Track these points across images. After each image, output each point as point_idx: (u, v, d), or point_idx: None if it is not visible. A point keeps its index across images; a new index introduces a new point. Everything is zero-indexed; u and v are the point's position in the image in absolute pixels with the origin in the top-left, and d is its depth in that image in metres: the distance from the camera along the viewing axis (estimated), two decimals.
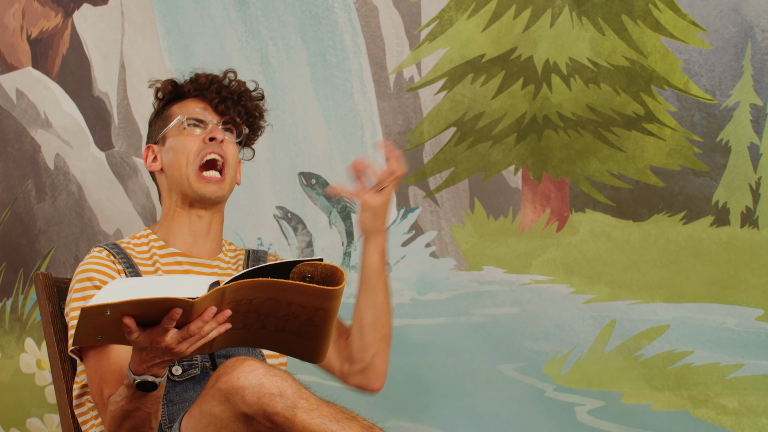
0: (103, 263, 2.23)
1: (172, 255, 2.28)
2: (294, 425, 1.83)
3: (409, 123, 2.87)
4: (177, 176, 2.27)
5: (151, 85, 2.37)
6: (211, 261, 2.31)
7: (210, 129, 2.28)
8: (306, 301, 1.99)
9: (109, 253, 2.24)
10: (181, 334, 1.89)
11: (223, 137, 2.27)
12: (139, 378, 1.95)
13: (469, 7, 2.79)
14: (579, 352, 2.70)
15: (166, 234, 2.31)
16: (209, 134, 2.27)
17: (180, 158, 2.27)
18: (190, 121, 2.29)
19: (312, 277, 2.01)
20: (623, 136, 2.66)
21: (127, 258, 2.24)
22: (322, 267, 2.01)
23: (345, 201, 2.95)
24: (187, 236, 2.30)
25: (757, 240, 2.54)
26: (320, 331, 2.04)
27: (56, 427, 3.29)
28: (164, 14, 3.13)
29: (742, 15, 2.56)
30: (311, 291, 1.96)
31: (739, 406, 2.55)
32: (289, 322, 2.01)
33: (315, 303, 1.99)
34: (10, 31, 3.35)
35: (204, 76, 2.32)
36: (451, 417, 2.82)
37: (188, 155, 2.26)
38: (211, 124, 2.28)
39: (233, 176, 2.30)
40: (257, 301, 1.95)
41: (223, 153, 2.27)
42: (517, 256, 2.76)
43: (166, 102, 2.34)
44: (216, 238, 2.33)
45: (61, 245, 3.29)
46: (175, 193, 2.29)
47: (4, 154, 3.36)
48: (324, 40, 2.96)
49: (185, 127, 2.28)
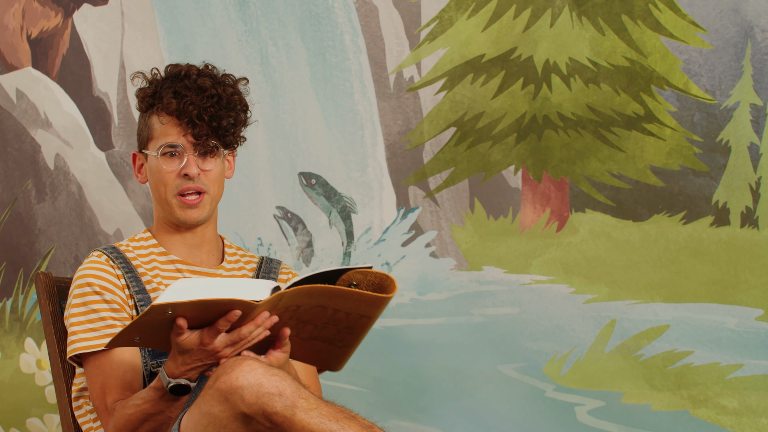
0: (102, 268, 2.22)
1: (172, 262, 2.28)
2: (293, 425, 1.83)
3: (409, 123, 2.87)
4: (159, 200, 2.26)
5: (133, 78, 2.31)
6: (212, 270, 2.31)
7: (185, 163, 2.22)
8: (354, 308, 2.00)
9: (108, 258, 2.24)
10: (230, 338, 1.91)
11: (197, 172, 2.23)
12: (174, 381, 1.96)
13: (469, 7, 2.79)
14: (579, 352, 2.70)
15: (163, 240, 2.30)
16: (183, 170, 2.22)
17: (159, 188, 2.25)
18: (165, 150, 2.23)
19: (358, 285, 2.01)
20: (623, 136, 2.66)
21: (126, 262, 2.24)
22: (371, 275, 2.02)
23: (345, 201, 2.95)
24: (181, 247, 2.30)
25: (757, 240, 2.54)
26: (356, 339, 2.05)
27: (56, 427, 3.29)
28: (164, 14, 3.13)
29: (742, 15, 2.56)
30: (365, 298, 1.97)
31: (739, 406, 2.55)
32: (326, 330, 2.02)
33: (362, 310, 2.00)
34: (10, 31, 3.35)
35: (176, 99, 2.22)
36: (451, 417, 2.82)
37: (166, 186, 2.24)
38: (186, 156, 2.23)
39: (215, 194, 2.27)
40: (305, 308, 1.96)
41: (200, 185, 2.24)
42: (517, 256, 2.76)
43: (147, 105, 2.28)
44: (212, 247, 2.32)
45: (61, 245, 3.29)
46: (162, 209, 2.28)
47: (4, 154, 3.36)
48: (324, 40, 2.96)
49: (160, 156, 2.23)
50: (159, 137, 2.24)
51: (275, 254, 3.00)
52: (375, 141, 2.91)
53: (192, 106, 2.21)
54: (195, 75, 2.24)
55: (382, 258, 2.90)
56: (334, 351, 2.08)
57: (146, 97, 2.26)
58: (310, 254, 2.97)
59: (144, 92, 2.27)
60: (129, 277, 2.22)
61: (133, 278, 2.22)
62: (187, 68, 2.26)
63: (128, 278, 2.22)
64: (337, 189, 2.95)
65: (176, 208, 2.24)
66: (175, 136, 2.23)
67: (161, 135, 2.24)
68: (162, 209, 2.27)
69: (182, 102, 2.21)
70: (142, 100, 2.27)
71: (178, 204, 2.24)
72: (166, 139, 2.23)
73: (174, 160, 2.23)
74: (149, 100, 2.26)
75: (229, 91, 2.25)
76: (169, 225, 2.29)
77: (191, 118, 2.21)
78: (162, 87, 2.25)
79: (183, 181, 2.23)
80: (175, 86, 2.23)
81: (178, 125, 2.23)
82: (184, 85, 2.23)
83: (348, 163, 2.94)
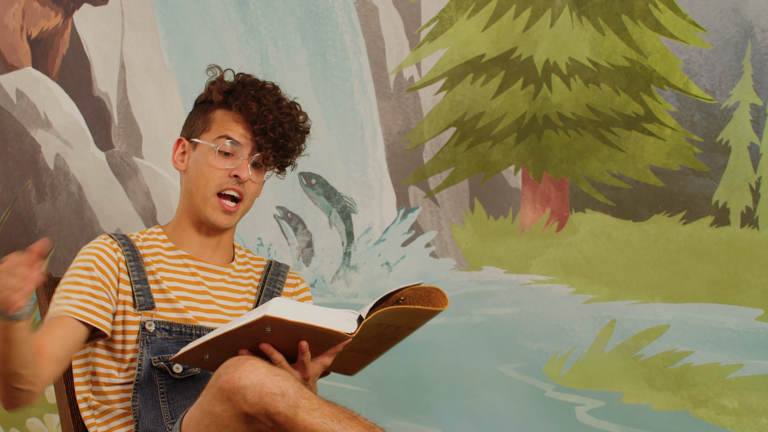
0: (101, 248, 2.22)
1: (180, 257, 2.28)
2: (296, 425, 1.83)
3: (409, 123, 2.87)
4: (194, 193, 2.25)
5: (210, 69, 2.31)
6: (222, 267, 2.31)
7: (238, 165, 2.23)
8: (405, 323, 2.03)
9: (114, 241, 2.24)
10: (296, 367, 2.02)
11: (248, 177, 2.23)
12: None
13: (469, 7, 2.79)
14: (579, 352, 2.70)
15: (176, 236, 2.30)
16: (235, 171, 2.22)
17: (200, 181, 2.24)
18: (224, 146, 2.23)
19: (406, 299, 2.04)
20: (623, 136, 2.66)
21: (134, 250, 2.24)
22: (420, 289, 2.05)
23: (345, 201, 2.95)
24: (195, 245, 2.30)
25: (757, 240, 2.54)
26: (388, 348, 2.08)
27: (56, 427, 3.29)
28: (164, 14, 3.13)
29: (742, 15, 2.56)
30: (422, 313, 2.01)
31: (739, 406, 2.55)
32: (368, 343, 2.05)
33: (412, 323, 2.04)
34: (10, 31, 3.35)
35: (256, 104, 2.23)
36: (451, 417, 2.82)
37: (208, 182, 2.23)
38: (241, 159, 2.23)
39: (247, 207, 2.27)
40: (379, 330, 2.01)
41: (243, 190, 2.24)
42: (517, 256, 2.76)
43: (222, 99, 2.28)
44: (226, 248, 2.32)
45: (61, 245, 3.29)
46: (191, 204, 2.28)
47: (4, 154, 3.36)
48: (324, 40, 2.96)
49: (215, 151, 2.23)
50: (219, 131, 2.24)
51: (275, 254, 3.00)
52: (375, 141, 2.91)
53: (271, 116, 2.22)
54: (271, 89, 2.27)
55: (382, 258, 2.90)
56: (363, 359, 2.10)
57: (222, 92, 2.26)
58: (310, 254, 2.97)
59: (221, 86, 2.27)
60: (132, 265, 2.22)
61: (135, 267, 2.22)
62: (263, 82, 2.28)
63: (131, 266, 2.22)
64: (337, 189, 2.95)
65: (210, 208, 2.24)
66: (238, 136, 2.24)
67: (224, 130, 2.24)
68: (193, 203, 2.26)
69: (262, 109, 2.22)
70: (218, 92, 2.26)
71: (215, 204, 2.23)
72: (230, 134, 2.23)
73: (227, 160, 2.23)
74: (225, 95, 2.25)
75: (301, 117, 2.29)
76: (192, 221, 2.28)
77: (265, 127, 2.22)
78: (242, 89, 2.25)
79: (230, 180, 2.23)
80: (257, 93, 2.24)
81: (246, 128, 2.24)
82: (264, 95, 2.24)
83: (348, 163, 2.94)
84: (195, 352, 2.00)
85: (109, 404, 2.21)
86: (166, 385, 2.18)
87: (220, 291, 2.27)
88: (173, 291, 2.23)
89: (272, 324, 1.91)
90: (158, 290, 2.22)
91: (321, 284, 2.96)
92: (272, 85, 2.28)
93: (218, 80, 2.29)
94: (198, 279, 2.26)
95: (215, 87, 2.28)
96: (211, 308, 2.24)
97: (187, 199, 2.28)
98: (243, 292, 2.30)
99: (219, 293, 2.27)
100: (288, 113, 2.25)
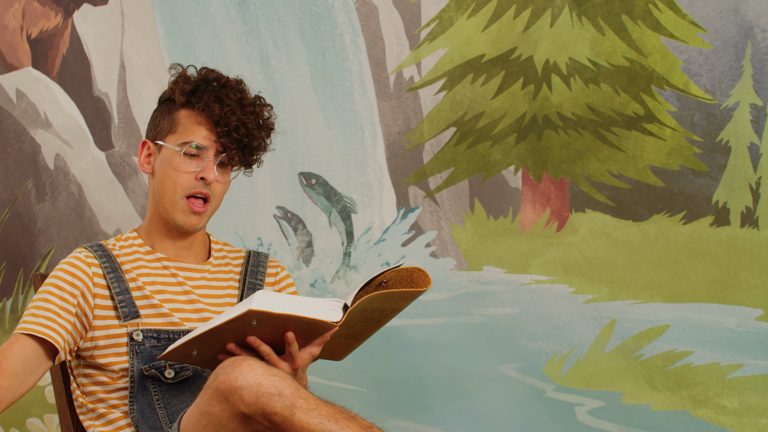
0: (74, 264, 2.20)
1: (159, 260, 2.27)
2: (293, 425, 1.83)
3: (409, 123, 2.87)
4: (162, 197, 2.25)
5: (172, 67, 2.29)
6: (200, 265, 2.30)
7: (204, 167, 2.22)
8: (390, 305, 2.03)
9: (89, 253, 2.23)
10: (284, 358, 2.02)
11: (215, 178, 2.22)
12: None
13: (469, 7, 2.79)
14: (579, 352, 2.70)
15: (150, 239, 2.29)
16: (201, 173, 2.22)
17: (167, 184, 2.23)
18: (189, 149, 2.22)
19: (388, 282, 2.04)
20: (623, 136, 2.66)
21: (111, 261, 2.23)
22: (402, 270, 2.06)
23: (345, 201, 2.95)
24: (169, 246, 2.29)
25: (757, 240, 2.54)
26: (375, 330, 2.09)
27: (56, 427, 3.29)
28: (164, 14, 3.13)
29: (742, 15, 2.56)
30: (406, 295, 2.02)
31: (739, 406, 2.55)
32: (354, 328, 2.05)
33: (398, 305, 2.04)
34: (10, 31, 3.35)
35: (219, 105, 2.22)
36: (451, 417, 2.82)
37: (176, 185, 2.22)
38: (207, 160, 2.22)
39: (215, 207, 2.27)
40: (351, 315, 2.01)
41: (210, 192, 2.23)
42: (517, 256, 2.76)
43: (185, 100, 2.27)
44: (200, 246, 2.32)
45: (61, 245, 3.29)
46: (159, 207, 2.27)
47: (4, 154, 3.36)
48: (324, 40, 2.96)
49: (180, 154, 2.22)
50: (184, 134, 2.23)
51: (275, 254, 3.00)
52: (375, 141, 2.91)
53: (234, 117, 2.21)
54: (234, 86, 2.24)
55: (382, 258, 2.90)
56: (352, 344, 2.10)
57: (185, 93, 2.24)
58: (310, 254, 2.97)
59: (182, 87, 2.25)
60: (111, 277, 2.21)
61: (115, 278, 2.21)
62: (226, 78, 2.26)
63: (110, 279, 2.21)
64: (337, 189, 2.95)
65: (179, 211, 2.23)
66: (203, 138, 2.23)
67: (188, 133, 2.23)
68: (161, 207, 2.25)
69: (225, 110, 2.21)
70: (180, 93, 2.24)
71: (183, 207, 2.23)
72: (194, 138, 2.23)
73: (193, 162, 2.23)
74: (188, 96, 2.24)
75: (265, 114, 2.27)
76: (162, 224, 2.28)
77: (229, 129, 2.21)
78: (205, 88, 2.24)
79: (197, 183, 2.22)
80: (219, 92, 2.23)
81: (210, 129, 2.22)
82: (226, 94, 2.23)
83: (348, 163, 2.94)
84: (182, 349, 2.01)
85: (106, 408, 2.21)
86: (161, 391, 2.17)
87: (203, 289, 2.27)
88: (156, 295, 2.22)
89: (258, 317, 1.91)
90: (141, 297, 2.21)
91: (321, 284, 2.96)
92: (235, 81, 2.26)
93: (180, 79, 2.26)
94: (179, 279, 2.26)
95: (178, 87, 2.26)
96: (196, 307, 2.24)
97: (154, 203, 2.28)
98: (225, 288, 2.30)
99: (201, 291, 2.27)
100: (251, 111, 2.24)
